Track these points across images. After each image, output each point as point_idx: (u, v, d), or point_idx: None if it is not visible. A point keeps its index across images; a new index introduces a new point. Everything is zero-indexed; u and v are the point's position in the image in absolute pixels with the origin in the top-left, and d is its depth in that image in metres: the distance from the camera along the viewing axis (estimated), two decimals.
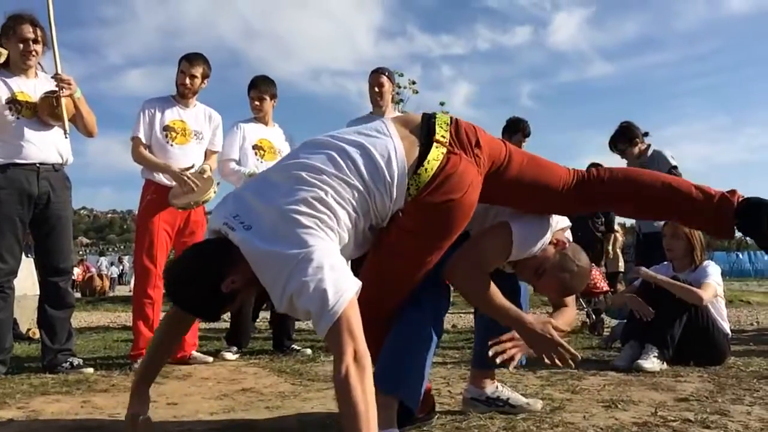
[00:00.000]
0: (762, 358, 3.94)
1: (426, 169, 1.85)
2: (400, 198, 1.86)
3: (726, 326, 3.81)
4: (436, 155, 1.87)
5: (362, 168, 1.80)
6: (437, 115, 2.00)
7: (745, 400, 2.75)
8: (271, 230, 1.68)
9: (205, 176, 3.97)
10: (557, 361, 2.13)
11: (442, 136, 1.91)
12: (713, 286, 3.72)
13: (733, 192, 2.13)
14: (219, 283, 1.74)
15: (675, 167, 4.87)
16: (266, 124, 4.51)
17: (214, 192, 4.00)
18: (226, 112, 4.38)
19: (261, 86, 4.49)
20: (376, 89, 4.51)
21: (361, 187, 1.79)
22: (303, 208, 1.68)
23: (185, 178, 3.80)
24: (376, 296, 1.99)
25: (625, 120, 5.24)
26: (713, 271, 3.82)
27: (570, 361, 2.14)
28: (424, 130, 1.93)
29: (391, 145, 1.86)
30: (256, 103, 4.47)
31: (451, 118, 2.02)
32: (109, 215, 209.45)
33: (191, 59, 4.03)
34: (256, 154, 4.39)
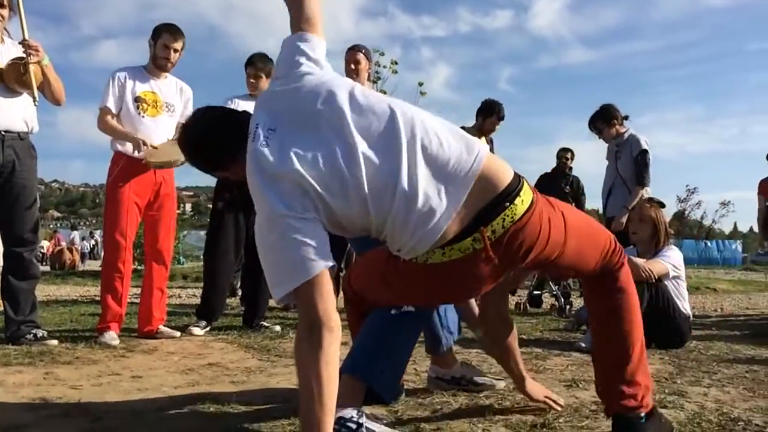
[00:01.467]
0: (723, 342, 4.03)
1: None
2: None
3: (687, 308, 3.88)
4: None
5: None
6: (520, 195, 1.65)
7: (703, 382, 2.82)
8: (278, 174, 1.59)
9: None
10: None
11: (489, 235, 1.61)
12: (662, 263, 3.77)
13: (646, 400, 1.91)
14: (218, 161, 1.81)
15: (646, 151, 4.95)
16: None
17: None
18: (203, 86, 4.33)
19: (258, 63, 4.45)
20: (352, 66, 4.46)
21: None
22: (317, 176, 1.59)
23: (149, 143, 3.77)
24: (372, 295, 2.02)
25: (606, 104, 5.28)
26: (671, 254, 3.88)
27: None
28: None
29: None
30: (252, 80, 4.44)
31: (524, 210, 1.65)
32: (81, 189, 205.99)
33: (174, 32, 3.95)
34: None
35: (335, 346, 1.52)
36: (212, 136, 1.78)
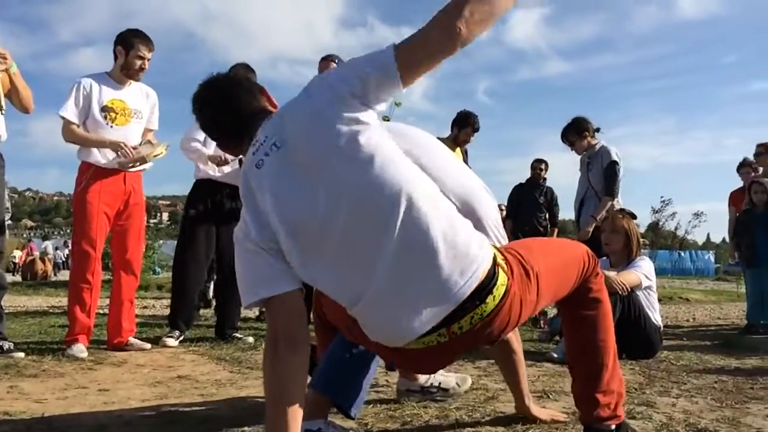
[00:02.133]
0: (693, 353, 4.07)
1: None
2: None
3: (658, 319, 3.92)
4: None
5: None
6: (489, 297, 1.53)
7: (672, 392, 2.84)
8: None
9: (153, 141, 3.92)
10: None
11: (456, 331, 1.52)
12: (635, 274, 3.81)
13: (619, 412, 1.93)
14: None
15: (615, 162, 5.00)
16: None
17: (166, 148, 3.94)
18: (180, 94, 4.28)
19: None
20: None
21: None
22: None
23: (125, 147, 3.73)
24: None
25: (578, 116, 5.35)
26: (643, 264, 3.93)
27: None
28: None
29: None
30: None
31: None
32: (56, 198, 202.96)
33: (148, 42, 3.90)
34: None
35: (298, 363, 1.51)
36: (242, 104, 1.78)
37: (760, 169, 6.32)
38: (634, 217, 4.17)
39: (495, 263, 1.55)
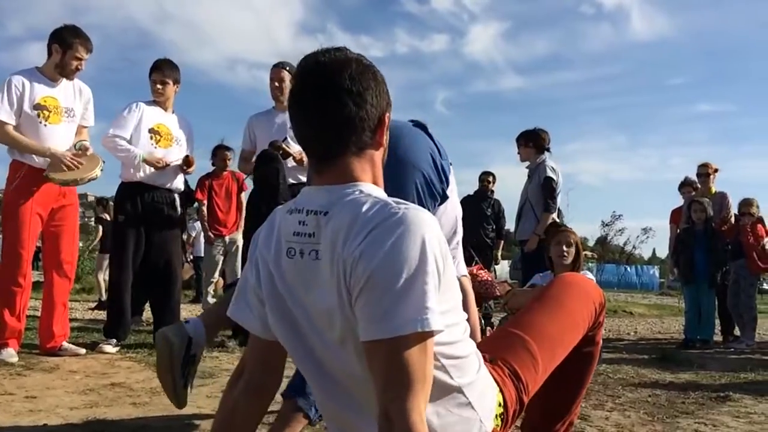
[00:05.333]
0: (631, 366, 4.17)
1: None
2: None
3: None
4: None
5: None
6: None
7: (606, 406, 2.90)
8: None
9: (89, 153, 3.79)
10: None
11: None
12: None
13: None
14: None
15: (550, 178, 5.03)
16: (165, 109, 4.31)
17: (100, 170, 3.81)
18: (135, 93, 4.19)
19: (165, 70, 4.26)
20: (276, 84, 4.40)
21: None
22: None
23: (68, 161, 3.61)
24: None
25: (542, 128, 5.37)
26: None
27: None
28: None
29: None
30: (158, 86, 4.24)
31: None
32: None
33: (88, 44, 3.80)
34: (151, 138, 4.19)
35: (253, 409, 1.38)
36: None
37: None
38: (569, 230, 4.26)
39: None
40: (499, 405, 1.39)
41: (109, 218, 8.07)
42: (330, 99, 1.19)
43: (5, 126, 3.60)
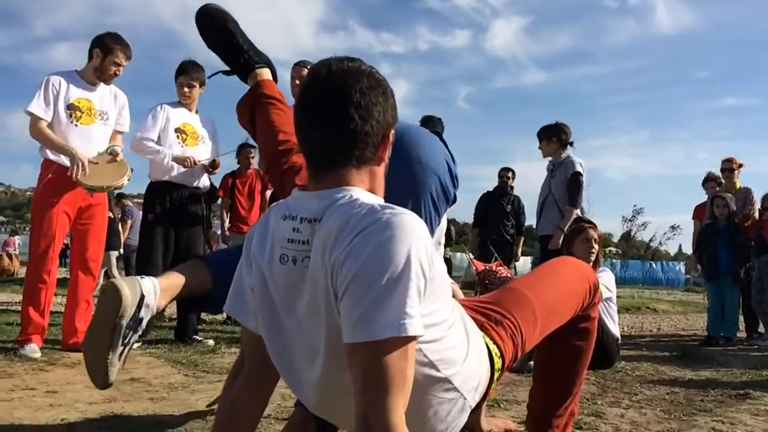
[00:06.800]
0: (650, 363, 4.12)
1: None
2: None
3: (616, 331, 3.96)
4: None
5: None
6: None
7: (622, 403, 2.87)
8: None
9: (118, 159, 3.84)
10: None
11: None
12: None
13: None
14: None
15: (579, 173, 5.01)
16: (191, 110, 4.45)
17: (128, 178, 3.86)
18: (160, 92, 4.26)
19: (192, 72, 4.37)
20: (297, 82, 4.43)
21: None
22: None
23: (79, 169, 3.63)
24: None
25: (563, 122, 5.30)
26: (604, 275, 3.96)
27: None
28: None
29: None
30: (185, 90, 4.36)
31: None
32: (28, 193, 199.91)
33: (128, 50, 3.88)
34: (178, 137, 4.33)
35: (253, 400, 1.44)
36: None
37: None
38: (594, 226, 4.22)
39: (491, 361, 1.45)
40: (496, 364, 1.45)
41: (113, 216, 8.16)
42: (337, 111, 1.20)
43: (40, 121, 3.69)
